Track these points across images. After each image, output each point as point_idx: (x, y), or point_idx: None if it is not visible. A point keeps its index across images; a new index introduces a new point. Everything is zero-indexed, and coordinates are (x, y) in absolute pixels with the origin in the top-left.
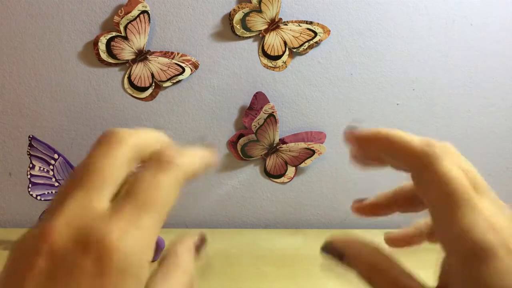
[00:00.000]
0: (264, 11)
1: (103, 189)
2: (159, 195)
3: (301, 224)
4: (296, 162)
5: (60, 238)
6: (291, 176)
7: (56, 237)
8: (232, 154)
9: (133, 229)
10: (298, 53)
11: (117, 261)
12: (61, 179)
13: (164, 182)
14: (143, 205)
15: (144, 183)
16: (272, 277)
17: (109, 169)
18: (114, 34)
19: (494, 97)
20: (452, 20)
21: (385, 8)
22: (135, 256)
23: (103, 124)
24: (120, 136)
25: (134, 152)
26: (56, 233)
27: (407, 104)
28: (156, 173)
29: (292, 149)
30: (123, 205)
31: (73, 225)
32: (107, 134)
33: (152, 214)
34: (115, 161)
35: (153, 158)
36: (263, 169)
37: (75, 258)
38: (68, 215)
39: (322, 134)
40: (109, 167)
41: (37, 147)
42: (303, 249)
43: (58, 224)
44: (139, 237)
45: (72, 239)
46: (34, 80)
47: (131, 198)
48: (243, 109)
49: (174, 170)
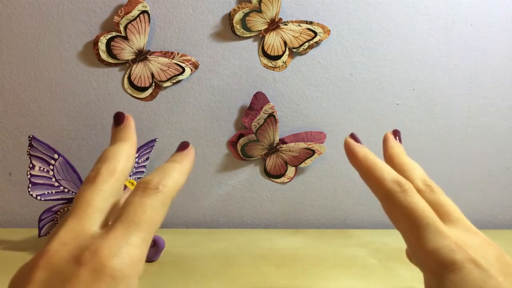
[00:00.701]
0: (264, 11)
1: (93, 217)
2: (146, 216)
3: (301, 224)
4: (296, 162)
5: (56, 255)
6: (291, 176)
7: (53, 253)
8: (232, 154)
9: (124, 244)
10: (298, 53)
11: (111, 269)
12: (61, 179)
13: (150, 205)
14: (132, 225)
15: (132, 206)
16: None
17: (96, 201)
18: (114, 34)
19: (494, 97)
20: (452, 20)
21: (385, 8)
22: (127, 267)
23: (103, 124)
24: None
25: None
26: (52, 251)
27: (407, 104)
28: (143, 197)
29: (292, 149)
30: (114, 226)
31: (68, 245)
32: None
33: (140, 232)
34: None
35: (140, 185)
36: (263, 169)
37: (71, 269)
38: (62, 237)
39: (322, 134)
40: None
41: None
42: (303, 249)
43: (53, 245)
44: (129, 252)
45: (67, 254)
46: (34, 80)
47: (121, 219)
48: (243, 109)
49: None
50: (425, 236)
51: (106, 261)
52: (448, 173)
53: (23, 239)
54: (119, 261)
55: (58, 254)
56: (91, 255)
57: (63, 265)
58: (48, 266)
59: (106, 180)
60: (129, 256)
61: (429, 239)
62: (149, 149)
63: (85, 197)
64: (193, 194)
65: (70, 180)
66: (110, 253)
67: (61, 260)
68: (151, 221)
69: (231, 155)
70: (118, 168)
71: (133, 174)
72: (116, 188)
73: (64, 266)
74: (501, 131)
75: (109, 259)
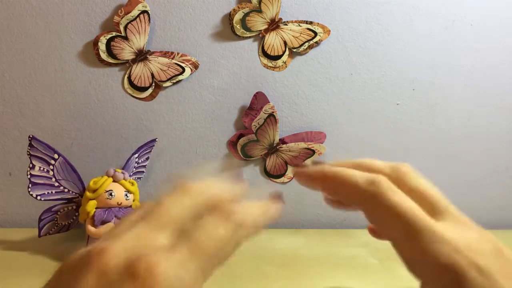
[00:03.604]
0: (264, 11)
1: (165, 228)
2: (212, 246)
3: (301, 224)
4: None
5: (114, 260)
6: (291, 176)
7: (111, 257)
8: (232, 154)
9: (181, 268)
10: (298, 53)
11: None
12: (61, 179)
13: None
14: (196, 250)
15: (203, 230)
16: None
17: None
18: (114, 34)
19: (494, 97)
20: (452, 20)
21: (385, 8)
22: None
23: (103, 124)
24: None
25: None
26: (112, 254)
27: (407, 104)
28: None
29: (292, 149)
30: (178, 245)
31: (129, 251)
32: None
33: (201, 261)
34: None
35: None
36: (263, 169)
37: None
38: (127, 241)
39: (322, 134)
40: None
41: (37, 147)
42: (303, 249)
43: (115, 246)
44: (184, 277)
45: (124, 262)
46: (34, 80)
47: (188, 241)
48: (243, 109)
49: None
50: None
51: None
52: (448, 173)
53: (23, 239)
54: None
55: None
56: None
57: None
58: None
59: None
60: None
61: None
62: (149, 149)
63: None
64: None
65: (70, 180)
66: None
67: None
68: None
69: (231, 155)
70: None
71: (133, 174)
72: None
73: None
74: (501, 131)
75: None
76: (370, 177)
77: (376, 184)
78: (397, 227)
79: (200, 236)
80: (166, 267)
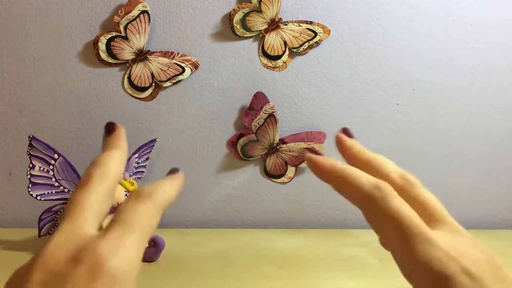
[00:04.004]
0: (264, 11)
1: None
2: (140, 220)
3: (301, 224)
4: (296, 162)
5: (53, 256)
6: (291, 176)
7: (49, 254)
8: (232, 154)
9: (121, 245)
10: (298, 53)
11: (109, 269)
12: (61, 179)
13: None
14: (127, 228)
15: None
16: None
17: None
18: (114, 34)
19: (494, 97)
20: (452, 20)
21: (385, 8)
22: (125, 266)
23: (103, 124)
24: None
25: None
26: (49, 252)
27: (407, 104)
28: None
29: (292, 149)
30: (109, 228)
31: (64, 246)
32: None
33: (135, 235)
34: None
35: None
36: (263, 169)
37: (69, 268)
38: (58, 239)
39: (322, 134)
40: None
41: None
42: (303, 249)
43: (49, 246)
44: (126, 254)
45: (64, 255)
46: (34, 80)
47: (116, 223)
48: (243, 109)
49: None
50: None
51: (105, 260)
52: (448, 173)
53: (23, 239)
54: (118, 260)
55: (55, 255)
56: (89, 254)
57: (60, 265)
58: (45, 268)
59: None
60: (127, 256)
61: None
62: (149, 149)
63: (77, 199)
64: (193, 194)
65: (70, 180)
66: (109, 252)
67: (58, 261)
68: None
69: (231, 155)
70: (110, 172)
71: (133, 174)
72: (109, 191)
73: (61, 266)
74: (501, 131)
75: (107, 258)
76: (375, 182)
77: (379, 189)
78: (393, 231)
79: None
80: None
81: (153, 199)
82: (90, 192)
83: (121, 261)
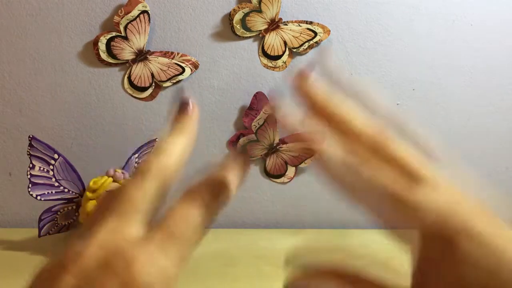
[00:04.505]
0: (264, 11)
1: (135, 219)
2: (189, 229)
3: (301, 224)
4: (296, 162)
5: (90, 259)
6: (291, 176)
7: (87, 258)
8: None
9: (160, 257)
10: (298, 53)
11: (141, 285)
12: (61, 179)
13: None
14: (173, 237)
15: (176, 215)
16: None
17: (141, 200)
18: (114, 34)
19: (494, 97)
20: (452, 20)
21: (385, 8)
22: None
23: (103, 124)
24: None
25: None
26: (87, 254)
27: (407, 104)
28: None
29: (292, 149)
30: (154, 235)
31: (104, 248)
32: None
33: (179, 247)
34: (146, 193)
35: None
36: (263, 169)
37: (102, 278)
38: (100, 238)
39: None
40: (140, 198)
41: (37, 147)
42: None
43: (90, 246)
44: (165, 266)
45: (101, 261)
46: (34, 80)
47: (163, 228)
48: (243, 109)
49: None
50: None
51: (138, 276)
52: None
53: (23, 239)
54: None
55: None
56: (123, 266)
57: (94, 271)
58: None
59: (154, 178)
60: (163, 272)
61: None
62: (149, 149)
63: (129, 194)
64: None
65: (70, 180)
66: (144, 267)
67: (93, 265)
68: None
69: None
70: (170, 164)
71: None
72: (165, 186)
73: (95, 273)
74: (501, 131)
75: (141, 275)
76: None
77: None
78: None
79: (173, 222)
80: (143, 260)
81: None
82: (144, 188)
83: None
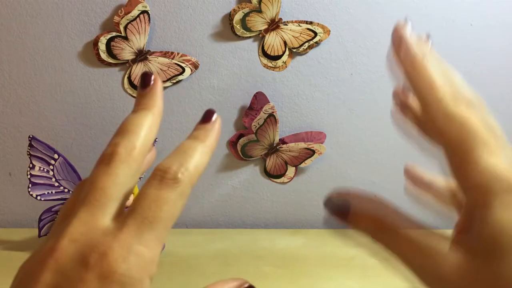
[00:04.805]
0: (264, 11)
1: (107, 207)
2: (162, 211)
3: (301, 224)
4: (296, 162)
5: (66, 255)
6: (291, 176)
7: (62, 253)
8: (232, 154)
9: (135, 245)
10: (298, 53)
11: (119, 276)
12: (61, 179)
13: (167, 198)
14: (146, 222)
15: (147, 200)
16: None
17: (111, 187)
18: (114, 34)
19: (494, 97)
20: (452, 20)
21: (385, 8)
22: (137, 271)
23: (103, 124)
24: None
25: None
26: (62, 250)
27: None
28: (159, 190)
29: (292, 149)
30: (126, 222)
31: (78, 242)
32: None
33: (154, 230)
34: (116, 179)
35: (156, 174)
36: (263, 169)
37: (80, 273)
38: (73, 232)
39: (322, 134)
40: (111, 185)
41: (37, 147)
42: (303, 249)
43: (63, 241)
44: (141, 254)
45: (76, 253)
46: (34, 80)
47: (135, 214)
48: (243, 109)
49: (178, 185)
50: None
51: (115, 267)
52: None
53: (23, 239)
54: (129, 265)
55: (67, 253)
56: (99, 258)
57: (71, 267)
58: (56, 267)
59: (123, 161)
60: (140, 259)
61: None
62: None
63: (99, 182)
64: (193, 194)
65: (70, 180)
66: (120, 256)
67: (70, 261)
68: (167, 216)
69: (231, 155)
70: (138, 145)
71: None
72: (134, 170)
73: (71, 268)
74: None
75: (118, 264)
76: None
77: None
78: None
79: (143, 207)
80: (118, 250)
81: (180, 181)
82: (114, 174)
83: (133, 266)
